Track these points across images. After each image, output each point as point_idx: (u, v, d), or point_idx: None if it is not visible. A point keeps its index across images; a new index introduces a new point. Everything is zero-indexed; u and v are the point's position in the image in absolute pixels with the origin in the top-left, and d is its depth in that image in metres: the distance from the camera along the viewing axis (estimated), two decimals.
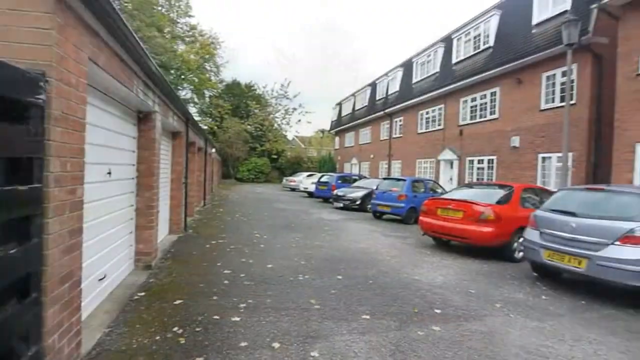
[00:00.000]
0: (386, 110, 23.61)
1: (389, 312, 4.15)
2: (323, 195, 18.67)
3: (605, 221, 4.83)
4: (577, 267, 4.93)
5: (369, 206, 13.77)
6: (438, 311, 4.26)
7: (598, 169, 10.29)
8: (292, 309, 4.10)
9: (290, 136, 51.12)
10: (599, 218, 4.92)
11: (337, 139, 37.08)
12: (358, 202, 14.66)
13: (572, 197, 5.62)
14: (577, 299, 4.95)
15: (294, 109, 42.35)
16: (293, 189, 26.58)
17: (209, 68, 35.90)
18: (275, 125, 42.04)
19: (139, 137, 5.33)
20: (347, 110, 32.98)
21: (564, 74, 10.78)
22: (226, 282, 4.98)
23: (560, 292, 5.25)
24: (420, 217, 8.31)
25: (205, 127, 32.68)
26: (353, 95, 31.84)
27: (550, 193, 7.04)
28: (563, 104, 9.77)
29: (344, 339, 3.43)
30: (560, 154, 9.99)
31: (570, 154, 10.45)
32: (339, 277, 5.46)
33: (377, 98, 26.24)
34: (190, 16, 32.57)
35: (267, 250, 7.04)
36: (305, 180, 23.28)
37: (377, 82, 26.86)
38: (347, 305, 4.30)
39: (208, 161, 16.87)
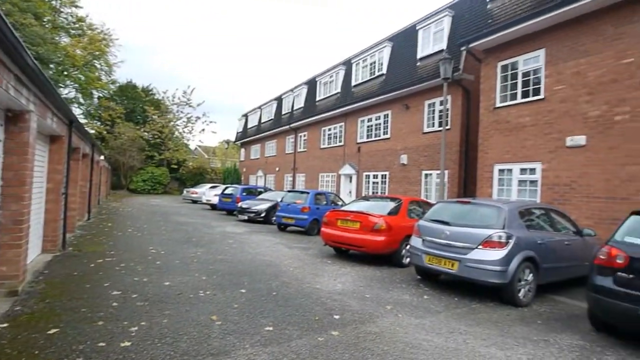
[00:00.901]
0: (291, 125, 24.22)
1: (292, 322, 4.27)
2: (227, 208, 18.14)
3: (471, 229, 5.75)
4: (451, 269, 5.75)
5: (274, 218, 13.87)
6: (337, 317, 4.53)
7: (467, 184, 12.17)
8: (192, 328, 3.93)
9: (193, 145, 48.56)
10: (466, 226, 5.84)
11: (242, 150, 36.54)
12: (263, 215, 14.63)
13: (447, 208, 6.56)
14: (452, 297, 5.76)
15: (198, 117, 40.48)
16: (195, 201, 25.21)
17: (99, 66, 32.23)
18: (177, 133, 39.52)
19: (6, 140, 4.56)
20: (253, 122, 32.85)
21: (441, 103, 12.57)
22: (115, 304, 4.52)
23: (438, 291, 6.04)
24: (322, 228, 8.71)
25: (93, 132, 29.06)
26: (259, 107, 31.93)
27: (431, 205, 8.08)
28: (441, 128, 11.38)
29: (246, 353, 3.42)
30: (439, 171, 11.55)
31: (446, 172, 12.16)
32: (243, 290, 5.41)
33: (283, 112, 26.78)
34: (77, 6, 28.99)
35: (164, 267, 6.58)
36: (209, 192, 22.31)
37: (283, 96, 27.44)
38: (250, 319, 4.29)
39: (95, 170, 15.02)
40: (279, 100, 28.23)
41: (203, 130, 43.20)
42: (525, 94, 9.48)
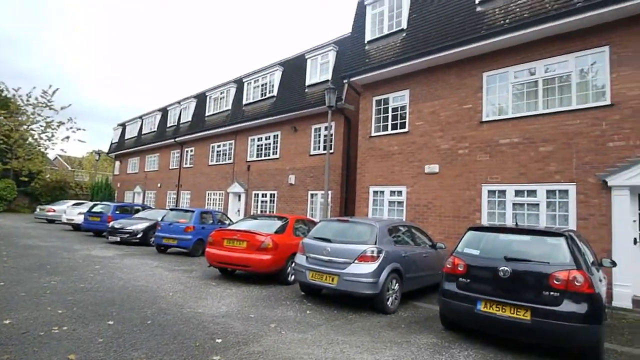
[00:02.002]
0: (178, 139, 22.84)
1: (168, 351, 4.00)
2: (95, 228, 15.87)
3: (349, 245, 6.30)
4: (331, 284, 6.17)
5: (153, 239, 12.72)
6: (219, 340, 4.42)
7: (348, 204, 13.25)
8: None
9: (52, 155, 41.31)
10: (345, 243, 6.38)
11: (117, 163, 32.67)
12: (139, 235, 13.27)
13: (329, 226, 7.06)
14: (332, 310, 6.15)
15: (61, 122, 34.64)
16: (52, 221, 21.38)
17: None
18: (30, 139, 33.09)
19: None
20: (132, 132, 29.84)
21: (326, 128, 13.56)
22: None
23: (320, 306, 6.39)
24: (207, 249, 8.39)
25: None
26: (140, 117, 29.23)
27: (315, 223, 8.56)
28: (325, 151, 12.25)
29: None
30: (323, 192, 12.32)
31: (329, 192, 13.05)
32: (110, 322, 4.83)
33: (169, 125, 25.07)
34: None
35: (3, 302, 5.43)
36: (71, 210, 19.14)
37: (169, 108, 25.75)
38: (118, 353, 3.87)
39: None
40: (164, 111, 26.38)
41: (67, 138, 37.10)
42: (394, 127, 10.97)
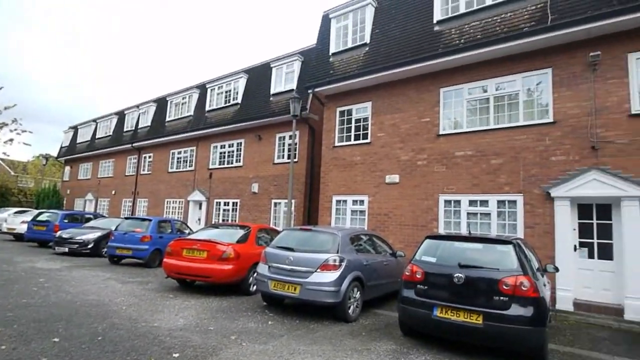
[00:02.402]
0: (135, 144, 21.90)
1: None
2: (40, 238, 14.75)
3: (311, 254, 6.33)
4: (293, 293, 6.15)
5: (105, 250, 12.04)
6: (176, 355, 4.27)
7: (311, 212, 13.31)
8: None
9: None
10: (308, 252, 6.40)
11: (67, 168, 30.70)
12: (90, 246, 12.50)
13: (292, 235, 7.06)
14: (294, 320, 6.13)
15: (4, 124, 32.00)
16: None
17: None
18: None
19: None
20: (85, 136, 28.21)
21: (290, 137, 13.59)
22: None
23: (282, 316, 6.34)
24: (165, 259, 8.08)
25: None
26: (95, 121, 27.75)
27: (278, 232, 8.52)
28: (289, 160, 12.27)
29: None
30: (287, 200, 12.29)
31: (293, 201, 13.04)
32: (56, 339, 4.51)
33: (126, 129, 23.98)
34: None
35: None
36: (12, 219, 17.68)
37: (126, 112, 24.65)
38: None
39: None
40: (121, 115, 25.22)
41: (11, 140, 34.47)
42: (357, 137, 11.23)
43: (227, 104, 17.05)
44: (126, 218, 13.10)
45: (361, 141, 11.09)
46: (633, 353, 5.25)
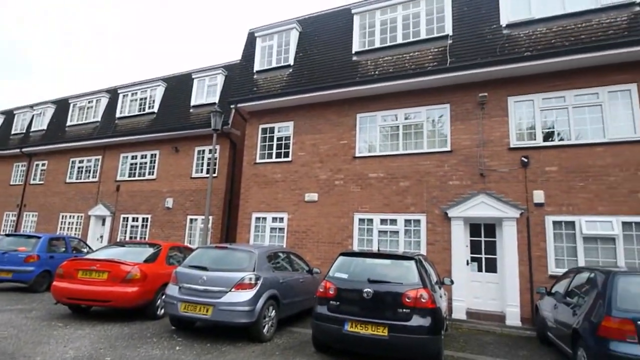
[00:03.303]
0: (25, 149, 19.11)
1: None
2: None
3: (226, 273, 6.13)
4: (205, 315, 5.87)
5: None
6: None
7: (229, 230, 12.94)
8: None
9: None
10: (222, 271, 6.19)
11: None
12: None
13: (206, 254, 6.78)
14: (204, 343, 5.84)
15: None
16: None
17: None
18: None
19: None
20: None
21: (210, 151, 13.19)
22: None
23: (192, 340, 6.00)
24: (55, 283, 7.10)
25: None
26: None
27: (192, 250, 8.12)
28: (208, 175, 11.86)
29: None
30: (204, 217, 11.79)
31: (211, 217, 12.58)
32: None
33: (14, 132, 20.84)
34: None
35: None
36: None
37: (16, 112, 21.47)
38: None
39: None
40: (9, 115, 21.89)
41: None
42: (278, 155, 11.37)
43: (142, 112, 15.94)
44: (7, 235, 11.25)
45: (282, 159, 11.24)
46: (512, 355, 6.06)
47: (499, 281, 8.39)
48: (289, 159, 11.11)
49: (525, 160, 8.35)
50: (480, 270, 8.65)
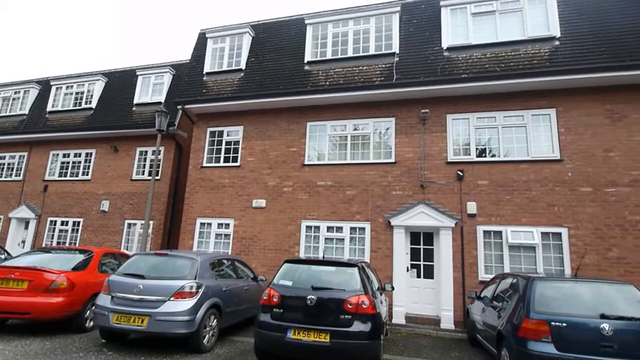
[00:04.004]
0: None
1: None
2: None
3: (165, 281, 5.85)
4: (140, 326, 5.54)
5: None
6: None
7: (172, 235, 12.37)
8: None
9: None
10: (161, 279, 5.90)
11: None
12: None
13: (143, 261, 6.41)
14: (138, 357, 5.51)
15: None
16: None
17: None
18: None
19: None
20: None
21: (153, 153, 12.58)
22: None
23: (124, 353, 5.63)
24: None
25: None
26: None
27: (129, 257, 7.65)
28: (150, 177, 11.28)
29: None
30: (143, 221, 11.17)
31: (151, 222, 11.95)
32: None
33: None
34: None
35: None
36: None
37: None
38: None
39: None
40: None
41: None
42: (227, 159, 11.15)
43: (78, 107, 14.77)
44: None
45: (231, 164, 11.03)
46: (444, 356, 6.44)
47: (436, 287, 8.90)
48: (238, 164, 10.93)
49: (461, 173, 9.01)
50: (419, 276, 9.11)
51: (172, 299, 5.67)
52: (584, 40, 8.76)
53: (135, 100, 13.87)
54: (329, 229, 9.76)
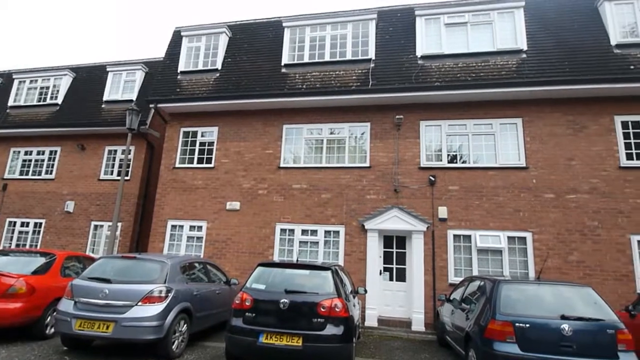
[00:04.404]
0: None
1: None
2: None
3: (133, 285, 5.66)
4: (106, 332, 5.31)
5: None
6: None
7: (141, 238, 11.99)
8: None
9: None
10: (129, 283, 5.70)
11: None
12: None
13: (110, 264, 6.18)
14: None
15: None
16: None
17: None
18: None
19: None
20: None
21: (123, 152, 12.15)
22: None
23: None
24: None
25: None
26: None
27: (94, 261, 7.34)
28: (119, 178, 10.89)
29: None
30: (111, 223, 10.76)
31: (119, 224, 11.54)
32: None
33: None
34: None
35: None
36: None
37: None
38: None
39: None
40: None
41: None
42: (200, 160, 10.94)
43: (42, 103, 14.08)
44: None
45: (204, 165, 10.83)
46: (415, 358, 6.56)
47: (407, 289, 9.06)
48: (212, 165, 10.74)
49: (433, 179, 9.24)
50: (391, 279, 9.25)
51: (140, 303, 5.49)
52: (548, 54, 9.23)
53: (105, 98, 13.38)
54: (304, 232, 9.76)
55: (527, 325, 4.71)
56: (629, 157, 8.64)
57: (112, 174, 12.70)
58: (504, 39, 9.55)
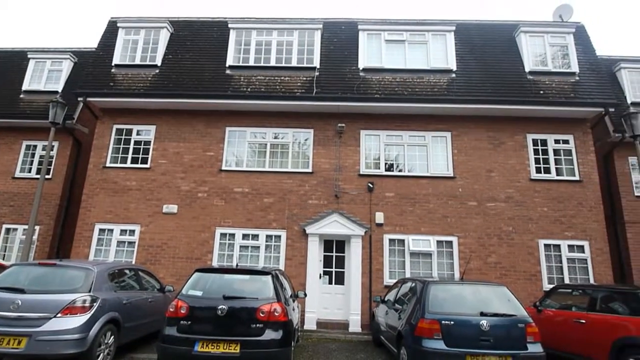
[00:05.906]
0: None
1: None
2: None
3: (52, 295, 5.17)
4: (17, 348, 4.79)
5: None
6: None
7: (63, 244, 10.93)
8: None
9: None
10: (46, 293, 5.20)
11: None
12: None
13: (24, 272, 5.58)
14: None
15: None
16: None
17: None
18: None
19: None
20: None
21: (44, 148, 11.05)
22: None
23: None
24: None
25: None
26: None
27: (5, 269, 6.58)
28: (39, 176, 9.85)
29: None
30: (27, 226, 9.68)
31: (37, 227, 10.44)
32: None
33: None
34: None
35: None
36: None
37: None
38: None
39: None
40: None
41: None
42: (135, 160, 10.31)
43: None
44: None
45: (139, 165, 10.22)
46: (351, 358, 6.78)
47: (346, 292, 9.35)
48: (148, 165, 10.18)
49: (371, 185, 9.69)
50: (331, 282, 9.49)
51: (59, 315, 5.04)
52: (474, 75, 10.21)
53: (25, 87, 12.05)
54: (245, 236, 9.63)
55: (452, 322, 5.13)
56: (538, 170, 9.84)
57: (30, 171, 11.44)
58: (436, 58, 10.36)
